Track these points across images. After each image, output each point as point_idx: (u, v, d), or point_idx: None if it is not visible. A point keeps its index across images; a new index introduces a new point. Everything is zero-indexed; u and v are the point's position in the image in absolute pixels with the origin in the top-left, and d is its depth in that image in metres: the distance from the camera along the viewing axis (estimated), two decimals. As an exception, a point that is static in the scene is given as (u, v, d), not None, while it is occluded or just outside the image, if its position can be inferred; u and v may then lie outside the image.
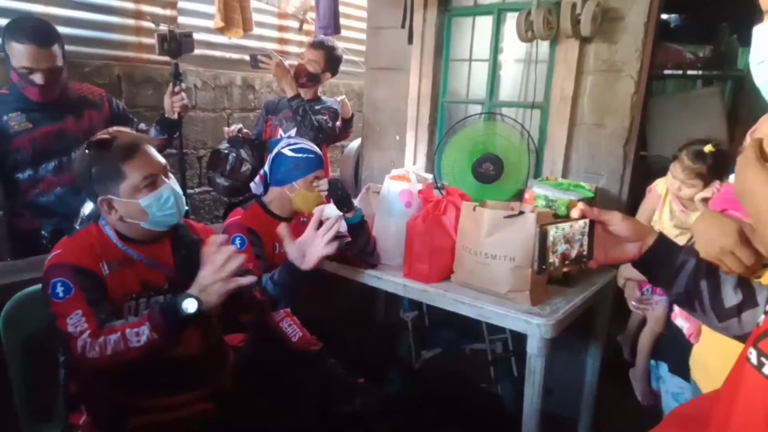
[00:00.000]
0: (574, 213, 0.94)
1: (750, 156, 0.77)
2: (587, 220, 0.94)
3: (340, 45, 2.73)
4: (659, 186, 1.99)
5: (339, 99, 2.78)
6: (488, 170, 2.19)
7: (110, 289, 1.28)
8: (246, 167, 2.46)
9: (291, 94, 2.44)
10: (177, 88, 2.09)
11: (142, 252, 1.36)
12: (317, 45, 2.63)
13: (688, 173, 1.79)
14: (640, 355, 2.19)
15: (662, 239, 0.95)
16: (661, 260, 0.95)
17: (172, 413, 1.36)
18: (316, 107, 2.60)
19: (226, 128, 2.61)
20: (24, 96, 1.89)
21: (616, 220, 0.94)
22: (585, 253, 0.95)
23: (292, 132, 2.58)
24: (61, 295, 1.20)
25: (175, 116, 2.12)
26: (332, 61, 2.66)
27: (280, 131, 2.60)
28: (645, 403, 2.20)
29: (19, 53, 1.78)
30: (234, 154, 2.44)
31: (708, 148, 1.74)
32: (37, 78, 1.82)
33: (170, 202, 1.32)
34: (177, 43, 2.11)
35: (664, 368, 1.81)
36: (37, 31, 1.80)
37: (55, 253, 1.27)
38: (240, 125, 2.56)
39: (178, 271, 1.41)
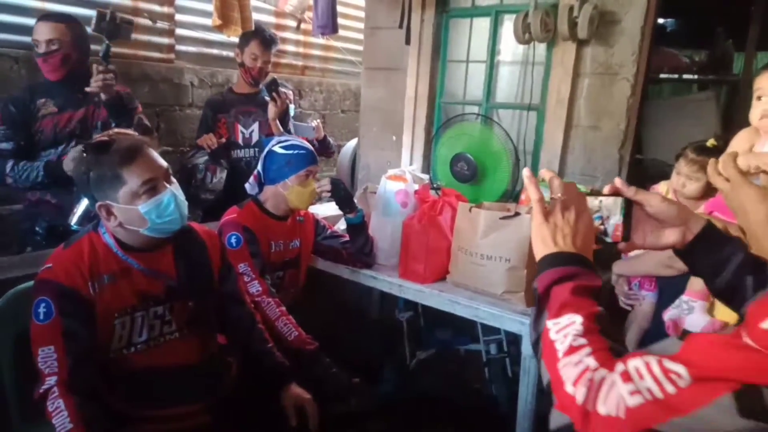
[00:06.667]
0: (605, 189, 0.86)
1: (735, 176, 0.87)
2: (620, 199, 0.85)
3: (337, 44, 2.73)
4: (661, 186, 2.02)
5: (314, 124, 2.76)
6: (462, 169, 2.22)
7: (99, 308, 1.25)
8: (218, 177, 2.47)
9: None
10: (102, 68, 1.99)
11: (142, 261, 1.32)
12: (270, 44, 2.61)
13: (693, 166, 1.83)
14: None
15: (711, 227, 0.85)
16: (708, 250, 0.85)
17: (170, 425, 1.34)
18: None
19: (206, 140, 2.48)
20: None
21: (654, 202, 0.84)
22: (619, 234, 0.85)
23: (255, 126, 2.57)
24: (41, 317, 1.20)
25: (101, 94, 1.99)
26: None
27: (240, 127, 2.57)
28: None
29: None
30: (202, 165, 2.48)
31: (711, 142, 1.83)
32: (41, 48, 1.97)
33: (170, 208, 1.27)
34: (115, 27, 2.03)
35: None
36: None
37: (47, 266, 1.25)
38: (223, 138, 2.52)
39: (179, 280, 1.38)
